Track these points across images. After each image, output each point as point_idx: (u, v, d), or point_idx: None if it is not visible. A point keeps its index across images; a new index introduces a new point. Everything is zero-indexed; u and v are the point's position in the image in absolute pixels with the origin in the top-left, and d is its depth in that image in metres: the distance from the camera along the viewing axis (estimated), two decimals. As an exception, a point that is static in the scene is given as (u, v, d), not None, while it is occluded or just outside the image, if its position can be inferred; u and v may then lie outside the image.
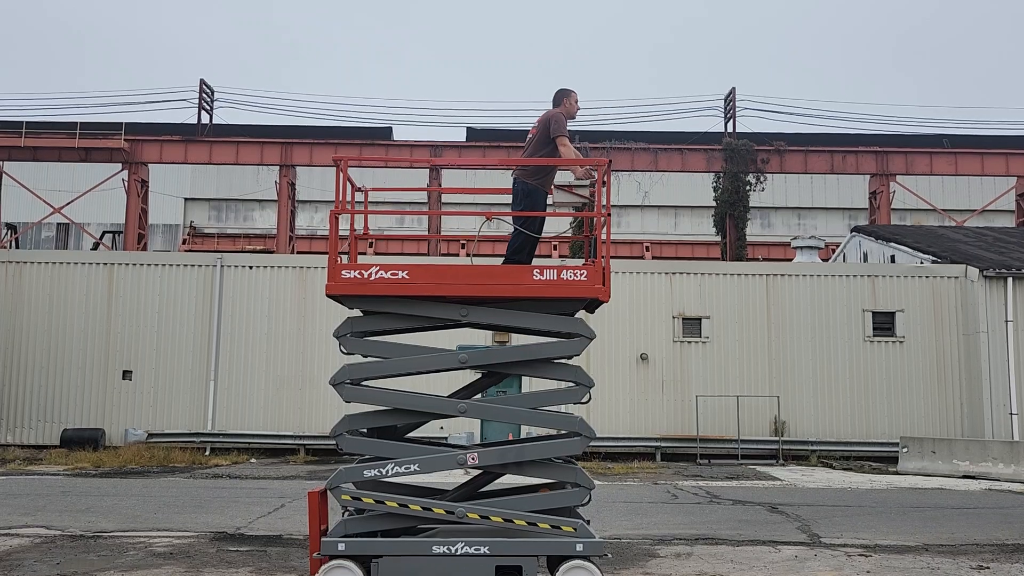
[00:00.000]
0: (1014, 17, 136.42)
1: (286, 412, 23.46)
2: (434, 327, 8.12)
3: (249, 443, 23.01)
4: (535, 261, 8.65)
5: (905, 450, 21.18)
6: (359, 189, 8.65)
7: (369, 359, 7.99)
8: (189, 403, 23.51)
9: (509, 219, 8.59)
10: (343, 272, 7.76)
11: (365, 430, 7.96)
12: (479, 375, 8.70)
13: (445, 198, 42.01)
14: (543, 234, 8.73)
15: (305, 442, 22.98)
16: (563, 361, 8.07)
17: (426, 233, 40.58)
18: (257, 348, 23.81)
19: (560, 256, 36.54)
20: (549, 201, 8.66)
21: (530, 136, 8.60)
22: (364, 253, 20.33)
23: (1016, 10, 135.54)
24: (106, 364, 23.67)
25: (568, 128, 8.56)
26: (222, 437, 23.01)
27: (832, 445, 23.04)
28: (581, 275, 7.78)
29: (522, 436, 17.15)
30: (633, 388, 23.76)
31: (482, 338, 22.11)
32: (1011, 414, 22.73)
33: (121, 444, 22.70)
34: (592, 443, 22.99)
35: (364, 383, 7.94)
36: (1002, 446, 20.37)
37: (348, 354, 7.92)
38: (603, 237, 7.87)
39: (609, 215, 7.88)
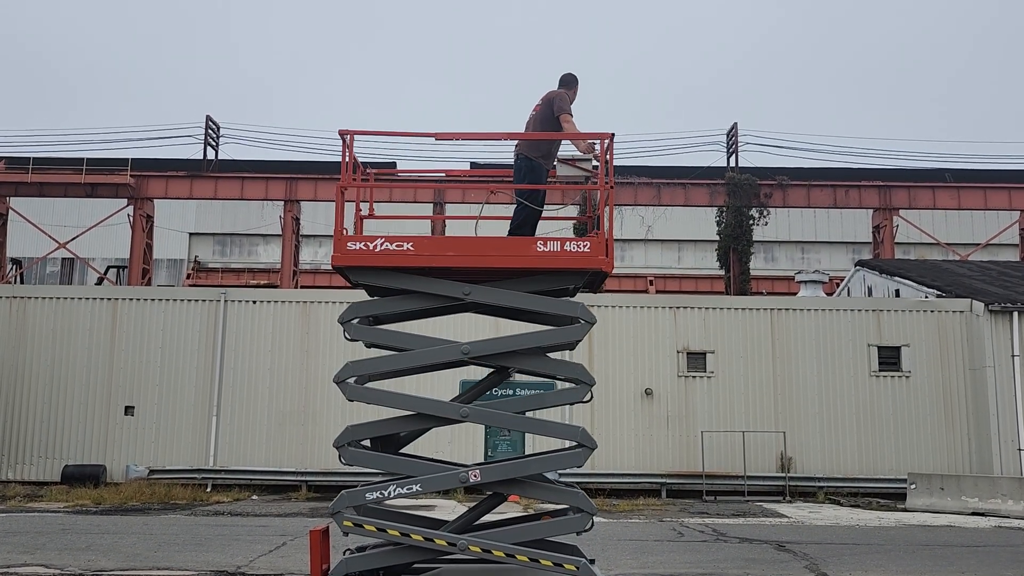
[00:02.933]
0: (1015, 51, 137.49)
1: (288, 448, 23.30)
2: (437, 309, 8.10)
3: (251, 479, 22.83)
4: None
5: (913, 486, 20.95)
6: (365, 172, 8.69)
7: (372, 355, 7.95)
8: (191, 439, 23.37)
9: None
10: (348, 244, 7.79)
11: (368, 443, 7.90)
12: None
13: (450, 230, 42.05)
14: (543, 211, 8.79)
15: (307, 478, 22.78)
16: (565, 359, 8.01)
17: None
18: (260, 383, 23.71)
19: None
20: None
21: (533, 114, 8.73)
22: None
23: (1017, 43, 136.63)
24: (108, 400, 23.58)
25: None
26: (224, 473, 22.84)
27: (839, 481, 22.79)
28: (584, 247, 7.79)
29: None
30: (638, 423, 23.59)
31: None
32: (1019, 450, 22.51)
33: (122, 480, 22.53)
34: (596, 479, 22.62)
35: (367, 385, 7.91)
36: (1011, 483, 20.14)
37: (352, 340, 7.91)
38: (606, 210, 7.91)
39: (612, 188, 7.93)
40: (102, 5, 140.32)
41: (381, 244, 7.77)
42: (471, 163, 42.49)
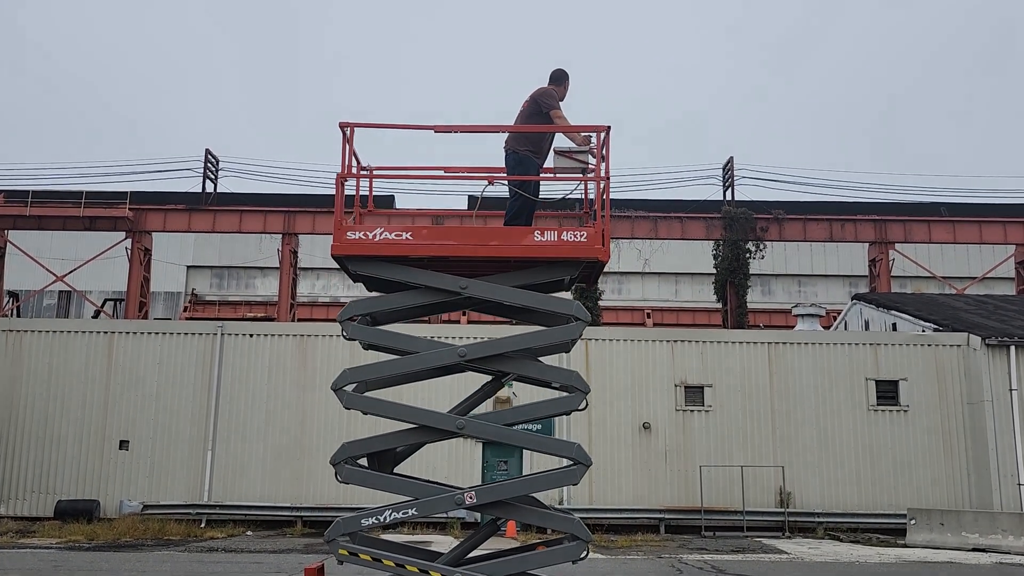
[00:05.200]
0: (1008, 86, 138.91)
1: (284, 483, 23.13)
2: (435, 306, 8.13)
3: (245, 515, 22.63)
4: None
5: (913, 522, 20.81)
6: (364, 168, 8.76)
7: (369, 361, 7.97)
8: (186, 473, 23.19)
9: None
10: (348, 233, 7.84)
11: (365, 463, 7.87)
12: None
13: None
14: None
15: (302, 514, 22.59)
16: (562, 367, 8.03)
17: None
18: (256, 417, 23.58)
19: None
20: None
21: (521, 110, 8.91)
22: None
23: (1012, 79, 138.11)
24: (103, 434, 23.42)
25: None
26: (218, 509, 22.64)
27: (838, 517, 22.63)
28: (581, 236, 7.83)
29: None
30: (636, 458, 23.45)
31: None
32: (1019, 484, 22.39)
33: (116, 516, 22.33)
34: (594, 515, 22.44)
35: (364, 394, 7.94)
36: (1011, 518, 20.00)
37: (349, 339, 7.93)
38: (603, 200, 8.02)
39: (608, 179, 8.00)
40: (103, 40, 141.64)
41: (380, 234, 7.85)
42: (468, 197, 42.59)
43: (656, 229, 38.93)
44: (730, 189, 41.44)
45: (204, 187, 41.45)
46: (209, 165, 41.85)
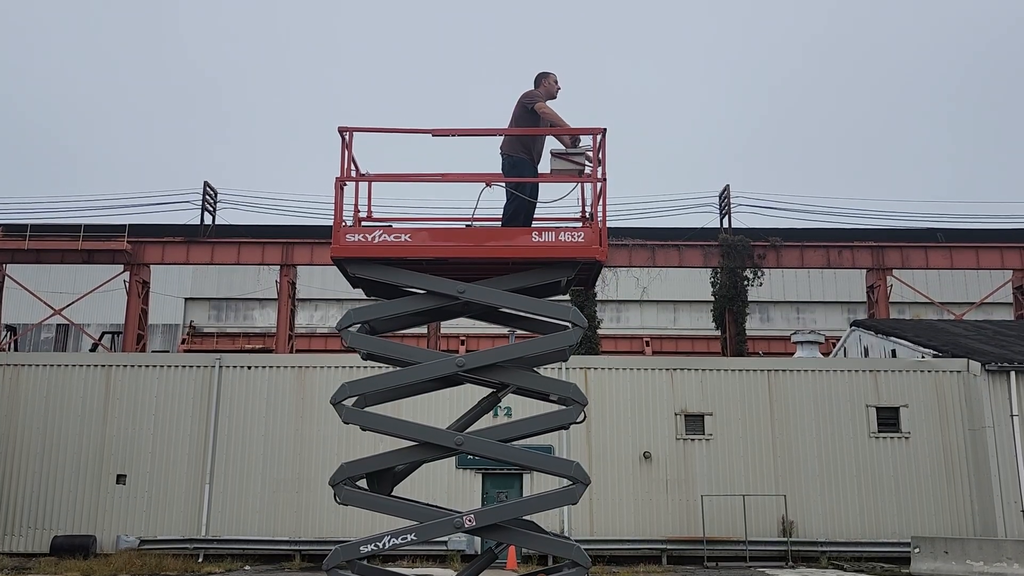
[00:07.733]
0: (1001, 112, 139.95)
1: (282, 516, 22.91)
2: (433, 311, 8.16)
3: (244, 549, 22.40)
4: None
5: (917, 550, 20.62)
6: (363, 176, 8.79)
7: (367, 375, 7.98)
8: (183, 507, 22.98)
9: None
10: (347, 236, 7.87)
11: (364, 484, 7.84)
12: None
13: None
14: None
15: (301, 547, 22.37)
16: (559, 378, 8.02)
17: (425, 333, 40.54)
18: (254, 450, 23.41)
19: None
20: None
21: (512, 115, 9.08)
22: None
23: (1006, 105, 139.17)
24: (100, 468, 23.23)
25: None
26: (216, 543, 22.41)
27: (842, 545, 22.45)
28: (579, 236, 7.84)
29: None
30: (636, 488, 23.28)
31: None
32: (1022, 511, 22.25)
33: (113, 551, 22.09)
34: (595, 546, 22.29)
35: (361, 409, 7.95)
36: (1016, 545, 19.85)
37: (349, 346, 7.99)
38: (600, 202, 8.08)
39: (605, 180, 8.03)
40: (101, 73, 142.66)
41: (379, 236, 7.90)
42: (466, 227, 42.65)
43: (654, 257, 38.98)
44: (727, 217, 41.57)
45: (202, 219, 41.53)
46: (207, 197, 41.97)
